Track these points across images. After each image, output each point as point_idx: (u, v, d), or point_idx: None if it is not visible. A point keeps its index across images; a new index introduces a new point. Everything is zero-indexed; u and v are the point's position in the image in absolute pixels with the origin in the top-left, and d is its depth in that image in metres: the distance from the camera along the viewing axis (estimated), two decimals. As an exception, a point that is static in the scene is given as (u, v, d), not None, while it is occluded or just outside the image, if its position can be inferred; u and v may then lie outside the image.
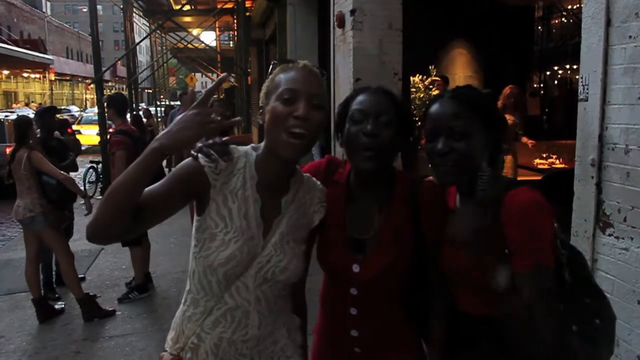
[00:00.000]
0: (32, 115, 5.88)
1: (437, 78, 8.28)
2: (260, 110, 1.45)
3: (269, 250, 1.45)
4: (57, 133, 8.43)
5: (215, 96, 1.59)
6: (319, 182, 1.60)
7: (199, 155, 1.39)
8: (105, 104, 5.45)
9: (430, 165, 1.52)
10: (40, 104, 29.19)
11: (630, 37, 2.38)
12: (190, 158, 1.40)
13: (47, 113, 5.70)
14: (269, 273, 1.44)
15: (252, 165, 1.45)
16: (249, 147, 1.49)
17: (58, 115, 17.12)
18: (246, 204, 1.42)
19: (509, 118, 6.60)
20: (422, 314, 1.65)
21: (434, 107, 1.49)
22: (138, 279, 5.19)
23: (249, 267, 1.42)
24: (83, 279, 5.49)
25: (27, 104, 28.69)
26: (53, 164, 4.71)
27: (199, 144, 1.41)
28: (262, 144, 1.46)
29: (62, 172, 4.72)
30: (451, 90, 1.52)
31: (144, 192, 1.28)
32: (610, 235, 2.51)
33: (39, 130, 5.19)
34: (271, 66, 1.49)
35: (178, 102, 19.51)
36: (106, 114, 5.89)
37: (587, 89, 2.63)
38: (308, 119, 1.36)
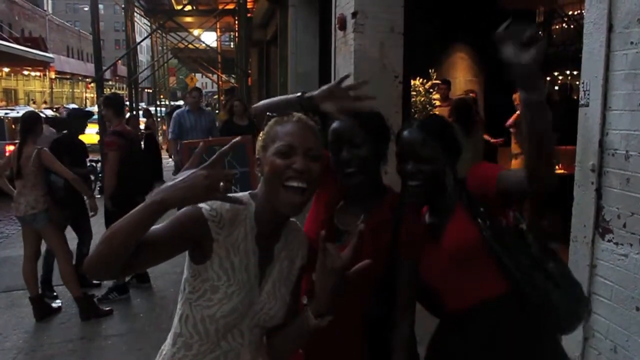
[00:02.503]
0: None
1: (438, 81, 8.30)
2: (258, 162, 1.47)
3: (263, 297, 1.48)
4: (52, 130, 8.41)
5: (215, 97, 1.59)
6: (299, 225, 1.62)
7: (203, 208, 1.37)
8: (102, 105, 5.36)
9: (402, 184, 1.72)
10: (45, 101, 29.20)
11: (631, 43, 2.38)
12: (195, 206, 1.38)
13: (82, 115, 5.74)
14: (261, 320, 1.48)
15: (252, 217, 1.45)
16: (247, 195, 1.48)
17: (57, 114, 17.03)
18: (247, 257, 1.44)
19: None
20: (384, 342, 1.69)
21: (405, 134, 1.72)
22: (118, 280, 5.17)
23: (245, 316, 1.46)
24: (99, 285, 5.41)
25: (34, 102, 28.70)
26: (69, 165, 4.74)
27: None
28: (259, 192, 1.47)
29: (69, 171, 4.72)
30: (419, 121, 1.76)
31: (146, 235, 1.27)
32: (609, 241, 2.51)
33: (66, 130, 5.36)
34: (266, 118, 1.52)
35: (181, 102, 19.43)
36: (103, 115, 5.75)
37: (588, 94, 2.63)
38: (306, 171, 1.38)
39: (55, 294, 5.18)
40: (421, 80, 8.12)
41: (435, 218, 1.75)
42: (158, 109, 23.59)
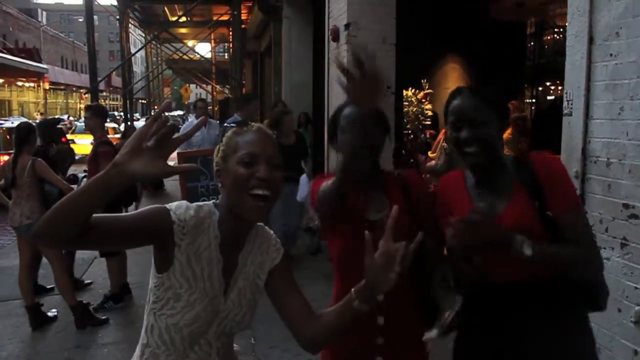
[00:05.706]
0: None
1: (430, 91, 8.41)
2: (218, 173, 1.48)
3: (228, 305, 1.48)
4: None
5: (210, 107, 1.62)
6: (271, 231, 1.63)
7: (171, 211, 1.39)
8: (89, 113, 5.17)
9: (458, 154, 1.73)
10: (41, 112, 29.21)
11: (611, 54, 2.48)
12: (164, 206, 1.41)
13: (49, 124, 5.76)
14: (227, 327, 1.50)
15: (216, 225, 1.46)
16: (211, 205, 1.49)
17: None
18: (210, 266, 1.44)
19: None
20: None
21: (456, 102, 1.70)
22: (114, 289, 5.22)
23: (211, 325, 1.47)
24: (90, 284, 5.66)
25: (42, 114, 28.64)
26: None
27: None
28: (221, 202, 1.49)
29: (64, 182, 4.75)
30: (468, 88, 1.74)
31: (110, 216, 1.30)
32: (592, 245, 2.59)
33: (39, 139, 5.21)
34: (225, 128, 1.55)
35: (179, 112, 19.40)
36: (86, 123, 5.43)
37: (571, 104, 2.73)
38: (270, 179, 1.40)
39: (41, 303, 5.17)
40: (413, 90, 8.23)
41: (490, 194, 1.70)
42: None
